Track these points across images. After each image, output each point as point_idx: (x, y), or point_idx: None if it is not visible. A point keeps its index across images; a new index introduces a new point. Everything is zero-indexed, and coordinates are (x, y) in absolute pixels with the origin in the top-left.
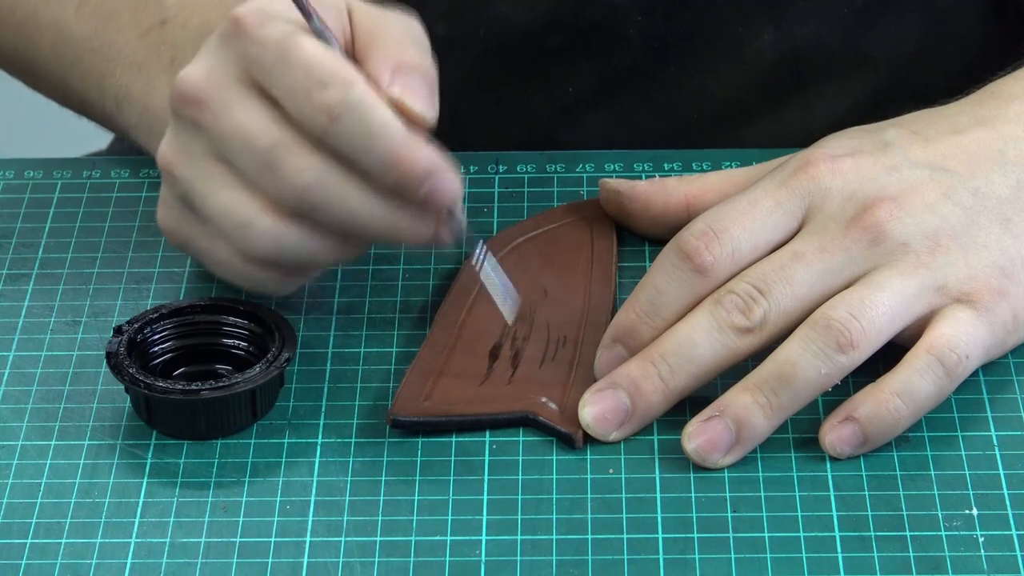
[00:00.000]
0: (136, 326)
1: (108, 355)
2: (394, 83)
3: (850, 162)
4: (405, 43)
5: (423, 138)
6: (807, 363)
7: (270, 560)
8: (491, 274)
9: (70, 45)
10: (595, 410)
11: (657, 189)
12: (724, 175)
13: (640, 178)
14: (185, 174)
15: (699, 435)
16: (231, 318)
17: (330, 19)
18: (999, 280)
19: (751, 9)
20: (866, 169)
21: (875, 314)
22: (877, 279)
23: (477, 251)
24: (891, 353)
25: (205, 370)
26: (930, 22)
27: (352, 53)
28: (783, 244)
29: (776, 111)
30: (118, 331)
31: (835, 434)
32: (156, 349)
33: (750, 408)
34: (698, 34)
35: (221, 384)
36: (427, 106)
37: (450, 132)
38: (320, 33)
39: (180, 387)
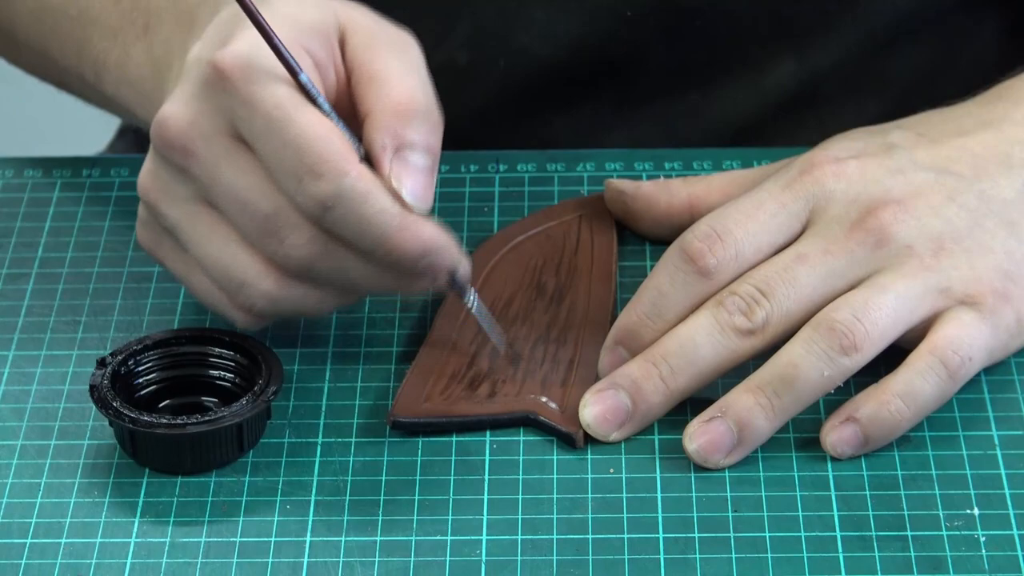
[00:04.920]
0: (120, 358)
1: (92, 388)
2: (395, 167)
3: (855, 164)
4: (411, 95)
5: (418, 221)
6: (810, 365)
7: (270, 560)
8: (483, 313)
9: (48, 12)
10: (596, 410)
11: (660, 190)
12: (728, 176)
13: (641, 178)
14: (171, 212)
15: (701, 436)
16: (217, 349)
17: (318, 47)
18: (1003, 283)
19: (770, 38)
20: (871, 172)
21: (879, 316)
22: (881, 281)
23: (470, 296)
24: (893, 354)
25: (191, 402)
26: (945, 43)
27: (344, 85)
28: (786, 246)
29: (792, 133)
30: (101, 363)
31: (836, 435)
32: (140, 381)
33: (752, 409)
34: (718, 62)
35: (207, 418)
36: (424, 196)
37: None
38: (307, 90)
39: (165, 421)
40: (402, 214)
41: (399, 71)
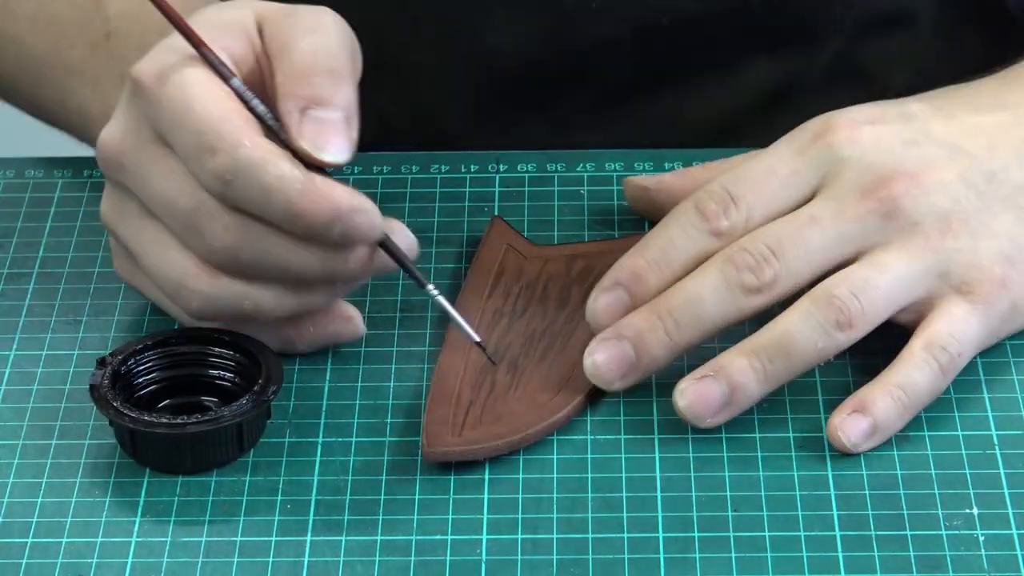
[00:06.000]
0: (120, 358)
1: (92, 388)
2: (300, 127)
3: (869, 130)
4: (312, 55)
5: (326, 182)
6: (805, 336)
7: (271, 559)
8: (445, 304)
9: (33, 61)
10: (600, 358)
11: (684, 179)
12: (749, 157)
13: None
14: (123, 232)
15: (692, 393)
16: (216, 349)
17: (234, 41)
18: (1003, 269)
19: (741, 38)
20: (885, 140)
21: (876, 295)
22: (883, 259)
23: (429, 287)
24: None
25: (191, 402)
26: (926, 39)
27: (266, 68)
28: (797, 207)
29: (770, 130)
30: (102, 363)
31: (848, 425)
32: (140, 381)
33: (745, 372)
34: (689, 61)
35: (207, 418)
36: (330, 147)
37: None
38: (216, 68)
39: (165, 421)
40: (305, 178)
41: (302, 36)
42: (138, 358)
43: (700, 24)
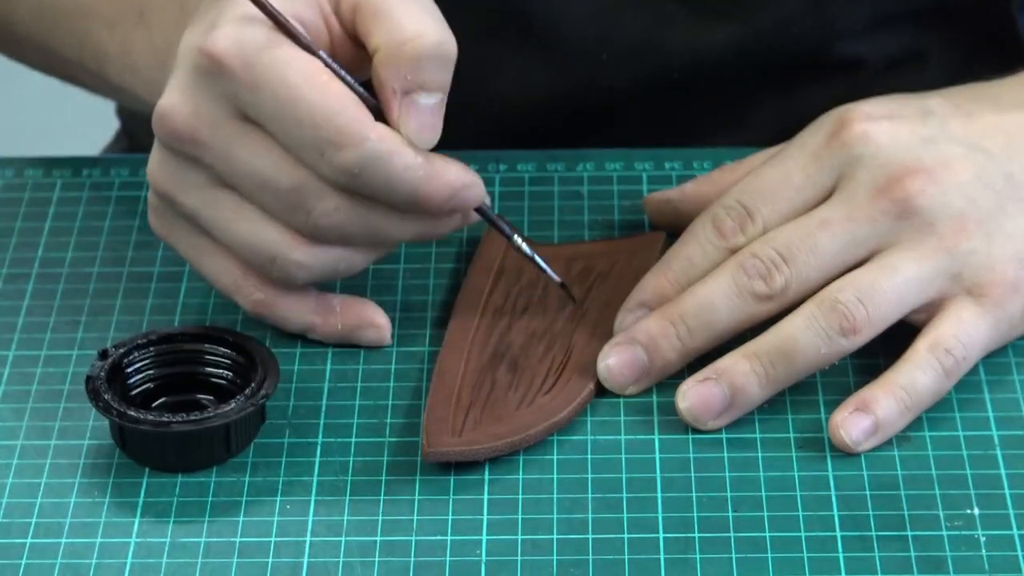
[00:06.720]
0: (122, 351)
1: (88, 379)
2: (404, 112)
3: (887, 126)
4: (418, 30)
5: (443, 164)
6: (808, 341)
7: (270, 560)
8: (530, 252)
9: (47, 7)
10: (612, 362)
11: (707, 187)
12: (766, 155)
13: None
14: (187, 200)
15: (694, 396)
16: (214, 347)
17: (304, 7)
18: (1017, 272)
19: (754, 83)
20: (903, 136)
21: (883, 300)
22: (894, 261)
23: (516, 237)
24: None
25: (189, 399)
26: (936, 77)
27: (335, 28)
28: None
29: None
30: (103, 354)
31: (850, 424)
32: (139, 376)
33: (747, 376)
34: (698, 108)
35: (193, 417)
36: (429, 136)
37: None
38: (301, 43)
39: (151, 418)
40: (427, 163)
41: (403, 3)
42: (140, 352)
43: (710, 75)
